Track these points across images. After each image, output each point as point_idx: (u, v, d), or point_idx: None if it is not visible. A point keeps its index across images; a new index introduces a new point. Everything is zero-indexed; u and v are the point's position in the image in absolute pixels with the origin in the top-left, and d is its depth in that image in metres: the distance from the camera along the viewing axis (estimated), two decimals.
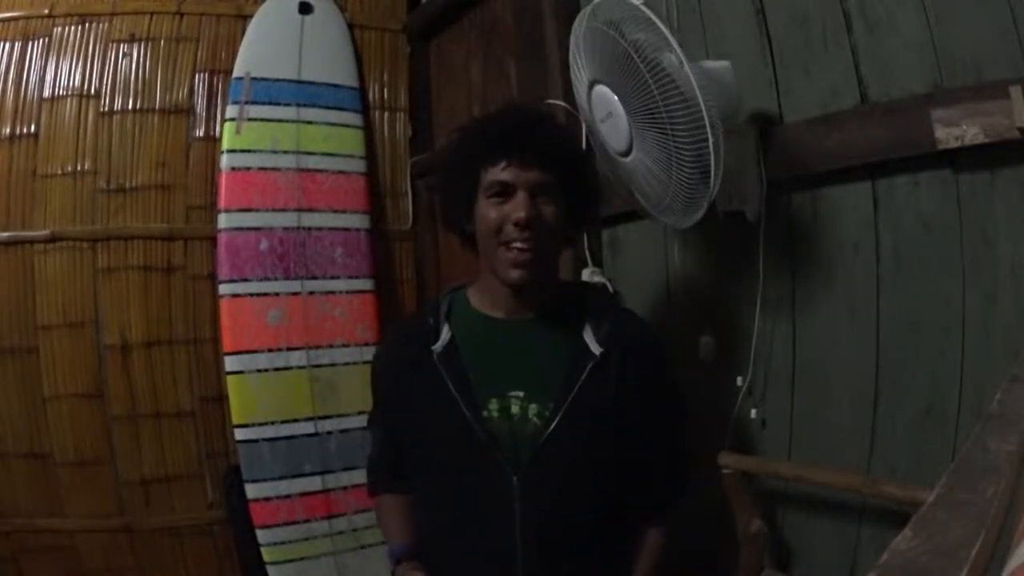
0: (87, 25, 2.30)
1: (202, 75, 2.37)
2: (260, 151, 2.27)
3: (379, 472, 1.29)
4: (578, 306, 1.15)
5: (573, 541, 1.09)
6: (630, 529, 1.16)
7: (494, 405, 1.08)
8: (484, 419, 1.08)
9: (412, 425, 1.17)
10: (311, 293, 2.27)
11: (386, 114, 2.58)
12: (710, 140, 1.11)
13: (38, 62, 2.26)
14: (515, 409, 1.08)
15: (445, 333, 1.12)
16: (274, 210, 2.26)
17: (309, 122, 2.34)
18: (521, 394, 1.08)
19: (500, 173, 1.07)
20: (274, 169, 2.28)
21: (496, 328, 1.14)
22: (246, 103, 2.27)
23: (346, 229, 2.35)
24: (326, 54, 2.41)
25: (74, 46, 2.28)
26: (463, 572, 1.10)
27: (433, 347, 1.11)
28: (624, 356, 1.11)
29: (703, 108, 1.10)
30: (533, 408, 1.08)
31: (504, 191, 1.07)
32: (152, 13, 2.33)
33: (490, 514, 1.07)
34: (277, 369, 2.19)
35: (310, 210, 2.30)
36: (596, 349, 1.09)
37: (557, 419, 1.06)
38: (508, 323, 1.14)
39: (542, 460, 1.06)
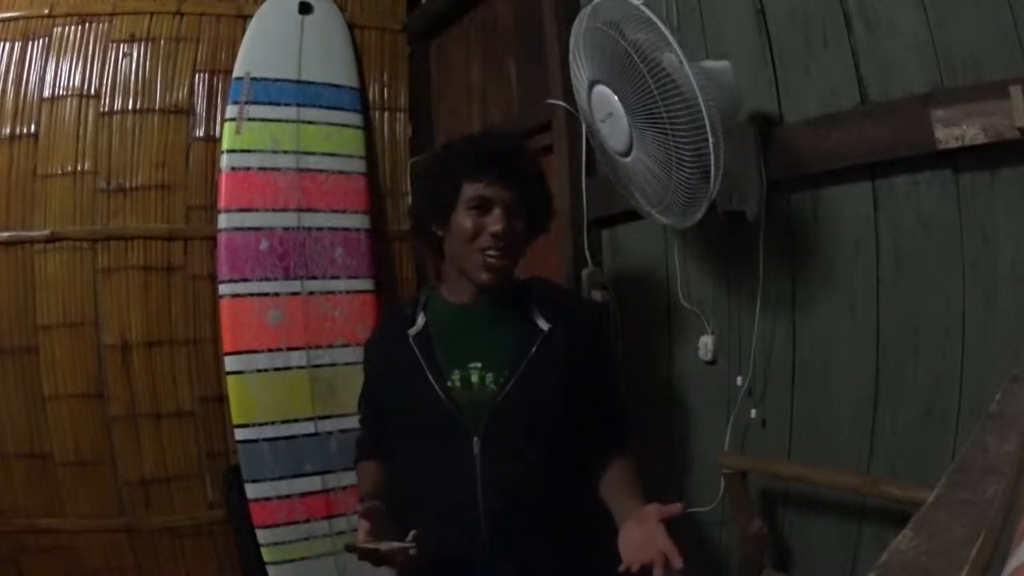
0: (87, 25, 2.30)
1: (202, 75, 2.37)
2: (260, 151, 2.27)
3: (362, 445, 1.45)
4: (527, 294, 1.32)
5: (530, 493, 1.22)
6: (582, 481, 1.29)
7: (456, 376, 1.25)
8: (448, 388, 1.24)
9: (391, 397, 1.34)
10: (311, 293, 2.27)
11: (386, 114, 2.58)
12: (710, 140, 1.11)
13: (38, 62, 2.26)
14: (474, 378, 1.24)
15: (420, 319, 1.31)
16: (274, 210, 2.26)
17: (309, 122, 2.34)
18: (479, 365, 1.25)
19: (483, 189, 1.23)
20: (274, 169, 2.27)
21: (460, 313, 1.31)
22: (246, 103, 2.27)
23: (346, 229, 2.35)
24: (326, 54, 2.41)
25: (74, 46, 2.28)
26: (433, 526, 1.18)
27: (409, 331, 1.30)
28: (569, 330, 1.28)
29: (703, 108, 1.10)
30: (490, 376, 1.24)
31: (483, 205, 1.23)
32: (152, 13, 2.33)
33: (456, 472, 1.21)
34: (277, 369, 2.19)
35: (310, 210, 2.30)
36: (544, 325, 1.26)
37: (510, 385, 1.22)
38: (468, 307, 1.31)
39: (499, 421, 1.21)
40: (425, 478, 1.26)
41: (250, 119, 2.27)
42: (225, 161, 2.24)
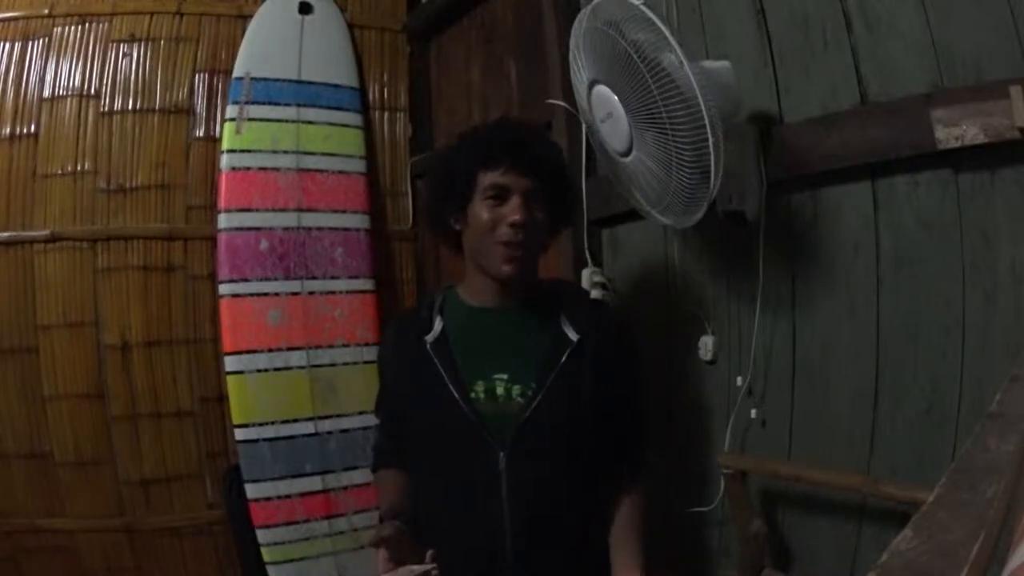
0: (87, 25, 2.30)
1: (202, 75, 2.37)
2: (260, 151, 2.27)
3: (381, 452, 1.37)
4: (553, 299, 1.25)
5: (556, 511, 1.17)
6: (604, 496, 1.24)
7: (480, 387, 1.17)
8: (471, 400, 1.16)
9: (410, 408, 1.25)
10: (311, 293, 2.27)
11: (386, 114, 2.58)
12: (710, 140, 1.11)
13: (38, 62, 2.26)
14: (500, 391, 1.17)
15: (437, 324, 1.22)
16: (274, 210, 2.26)
17: (309, 122, 2.34)
18: (505, 376, 1.18)
19: (499, 177, 1.16)
20: (274, 169, 2.28)
21: (481, 318, 1.24)
22: (246, 103, 2.27)
23: (346, 229, 2.35)
24: (326, 54, 2.41)
25: (74, 46, 2.28)
26: (456, 543, 1.15)
27: (426, 337, 1.21)
28: (599, 341, 1.21)
29: (703, 108, 1.10)
30: (516, 389, 1.17)
31: (500, 194, 1.17)
32: (152, 13, 2.33)
33: (479, 488, 1.16)
34: (277, 369, 2.19)
35: (310, 210, 2.30)
36: (574, 336, 1.19)
37: (538, 399, 1.15)
38: (492, 313, 1.24)
39: (525, 436, 1.15)
40: (448, 494, 1.20)
41: (250, 119, 2.27)
42: (225, 161, 2.24)
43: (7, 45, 2.25)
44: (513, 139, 1.20)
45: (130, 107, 2.30)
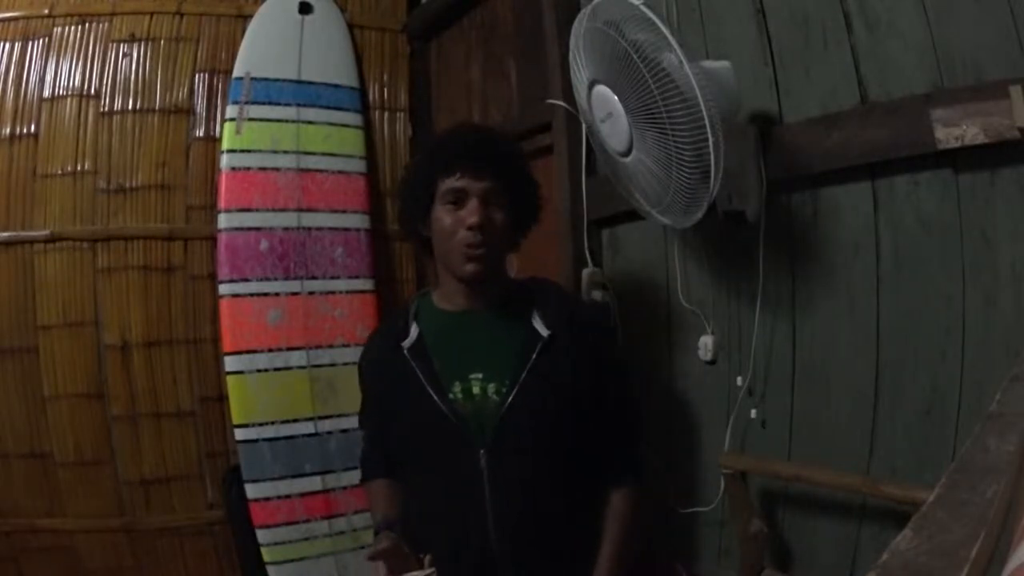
0: (87, 25, 2.30)
1: (202, 75, 2.37)
2: (260, 151, 2.26)
3: (369, 463, 1.40)
4: (525, 298, 1.27)
5: (539, 505, 1.18)
6: (594, 493, 1.25)
7: (457, 388, 1.20)
8: (450, 401, 1.19)
9: (392, 414, 1.28)
10: (311, 293, 2.27)
11: (386, 114, 2.58)
12: (710, 140, 1.11)
13: (38, 62, 2.26)
14: (476, 390, 1.20)
15: (413, 330, 1.26)
16: (274, 210, 2.26)
17: (309, 122, 2.34)
18: (480, 376, 1.21)
19: (455, 182, 1.20)
20: (274, 169, 2.27)
21: (454, 321, 1.27)
22: (246, 103, 2.27)
23: (346, 229, 2.35)
24: (326, 54, 2.41)
25: (74, 46, 2.28)
26: (444, 542, 1.17)
27: (403, 343, 1.24)
28: (572, 336, 1.23)
29: (703, 108, 1.10)
30: (492, 387, 1.20)
31: (458, 198, 1.20)
32: (152, 13, 2.33)
33: (463, 486, 1.18)
34: (277, 369, 2.19)
35: (310, 210, 2.30)
36: (544, 332, 1.21)
37: (513, 395, 1.18)
38: (465, 315, 1.27)
39: (504, 432, 1.17)
40: (432, 493, 1.23)
41: (250, 119, 2.27)
42: (225, 161, 2.24)
43: (7, 45, 2.24)
44: (467, 143, 1.24)
45: (130, 107, 2.30)
